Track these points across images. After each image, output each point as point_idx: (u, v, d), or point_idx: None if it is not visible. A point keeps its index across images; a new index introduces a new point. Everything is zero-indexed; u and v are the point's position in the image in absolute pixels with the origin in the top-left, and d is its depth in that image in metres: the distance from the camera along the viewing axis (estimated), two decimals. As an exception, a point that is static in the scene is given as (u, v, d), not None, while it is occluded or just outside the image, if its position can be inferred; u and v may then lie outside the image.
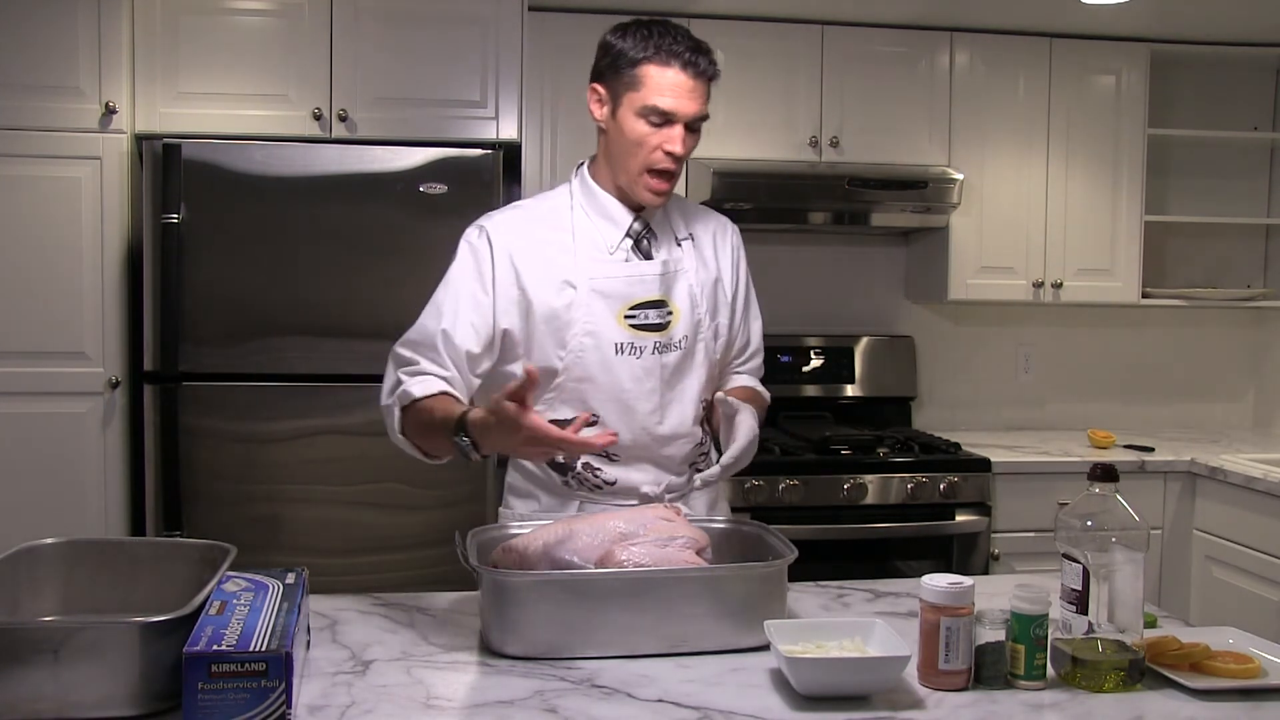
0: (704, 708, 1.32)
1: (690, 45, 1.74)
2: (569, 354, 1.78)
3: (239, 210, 2.86)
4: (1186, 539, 3.36)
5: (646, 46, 1.73)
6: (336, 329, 2.89)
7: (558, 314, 1.78)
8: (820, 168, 3.49)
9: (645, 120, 1.74)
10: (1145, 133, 3.70)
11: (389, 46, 3.05)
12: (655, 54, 1.72)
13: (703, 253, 1.90)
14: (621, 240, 1.82)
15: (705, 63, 1.74)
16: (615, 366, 1.79)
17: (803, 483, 3.14)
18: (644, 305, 1.80)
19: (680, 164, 1.77)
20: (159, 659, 1.23)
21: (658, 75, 1.72)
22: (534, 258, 1.79)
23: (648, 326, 1.80)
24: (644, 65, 1.73)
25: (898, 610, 1.72)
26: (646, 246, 1.84)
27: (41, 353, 2.89)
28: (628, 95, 1.75)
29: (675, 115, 1.73)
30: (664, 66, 1.72)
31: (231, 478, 2.87)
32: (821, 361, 3.75)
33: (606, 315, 1.78)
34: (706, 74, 1.75)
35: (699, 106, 1.74)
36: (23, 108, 2.87)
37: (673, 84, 1.72)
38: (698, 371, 1.85)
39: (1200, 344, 4.12)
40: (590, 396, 1.79)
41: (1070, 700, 1.37)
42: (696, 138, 1.78)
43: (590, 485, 1.84)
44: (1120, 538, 1.41)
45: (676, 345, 1.82)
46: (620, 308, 1.79)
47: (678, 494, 1.86)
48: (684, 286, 1.84)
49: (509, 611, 1.47)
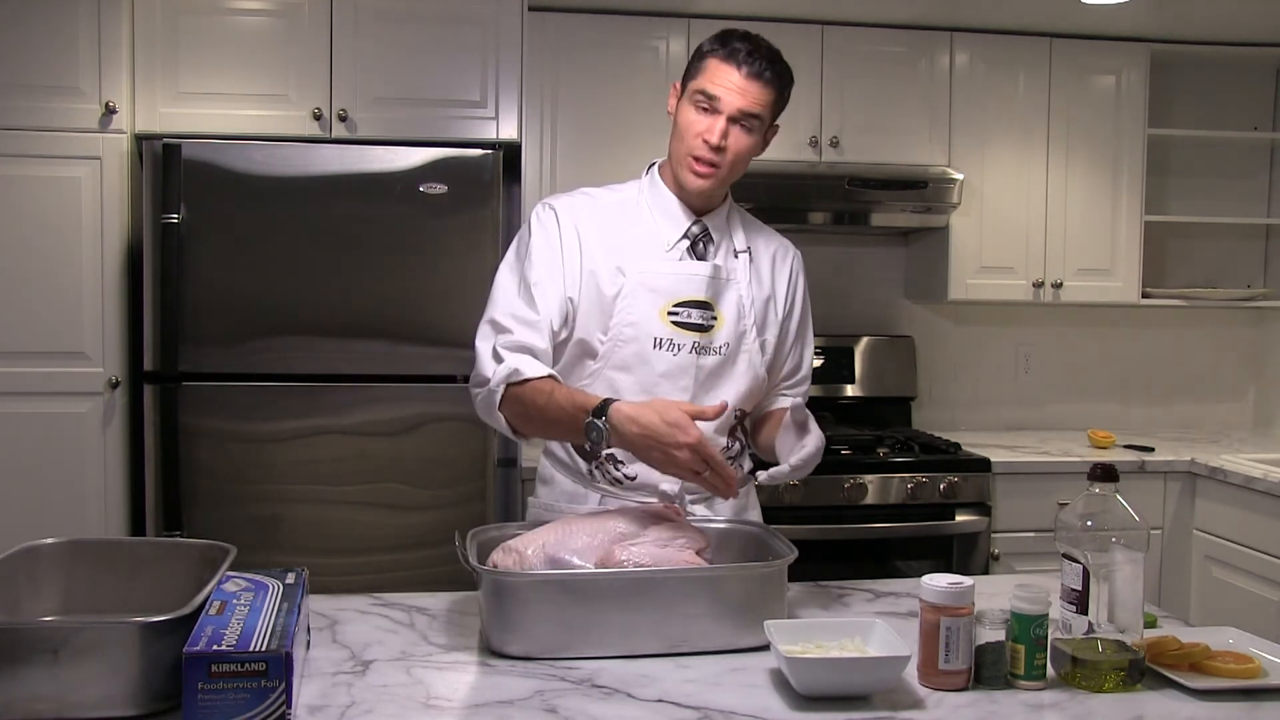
0: (704, 708, 1.32)
1: (755, 48, 1.78)
2: (609, 340, 1.81)
3: (239, 210, 2.86)
4: (1186, 539, 3.36)
5: (717, 43, 1.80)
6: (336, 329, 2.89)
7: (607, 299, 1.81)
8: (820, 168, 3.49)
9: (695, 106, 1.79)
10: (1145, 133, 3.70)
11: (389, 46, 3.05)
12: (721, 48, 1.79)
13: (759, 269, 1.92)
14: (679, 240, 1.85)
15: (762, 65, 1.77)
16: (651, 359, 1.80)
17: (803, 483, 3.14)
18: (689, 304, 1.82)
19: (723, 157, 1.79)
20: (159, 659, 1.23)
21: (714, 65, 1.78)
22: (594, 239, 1.83)
23: (689, 325, 1.82)
24: (709, 58, 1.79)
25: (898, 610, 1.72)
26: (702, 249, 1.86)
27: (41, 353, 2.89)
28: (690, 84, 1.81)
29: (719, 103, 1.76)
30: (724, 61, 1.77)
31: (231, 478, 2.87)
32: (821, 361, 3.75)
33: (650, 309, 1.80)
34: (762, 77, 1.77)
35: (746, 103, 1.77)
36: (23, 108, 2.87)
37: (725, 75, 1.77)
38: (737, 381, 1.86)
39: (1200, 344, 4.12)
40: (623, 385, 1.80)
41: (1070, 700, 1.37)
42: (748, 139, 1.80)
43: (611, 478, 1.85)
44: (1120, 538, 1.41)
45: (716, 350, 1.84)
46: (665, 303, 1.81)
47: (699, 495, 1.85)
48: (733, 295, 1.86)
49: (509, 611, 1.47)
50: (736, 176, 1.84)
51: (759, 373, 1.90)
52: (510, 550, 1.57)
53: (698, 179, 1.81)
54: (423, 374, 2.92)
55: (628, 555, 1.53)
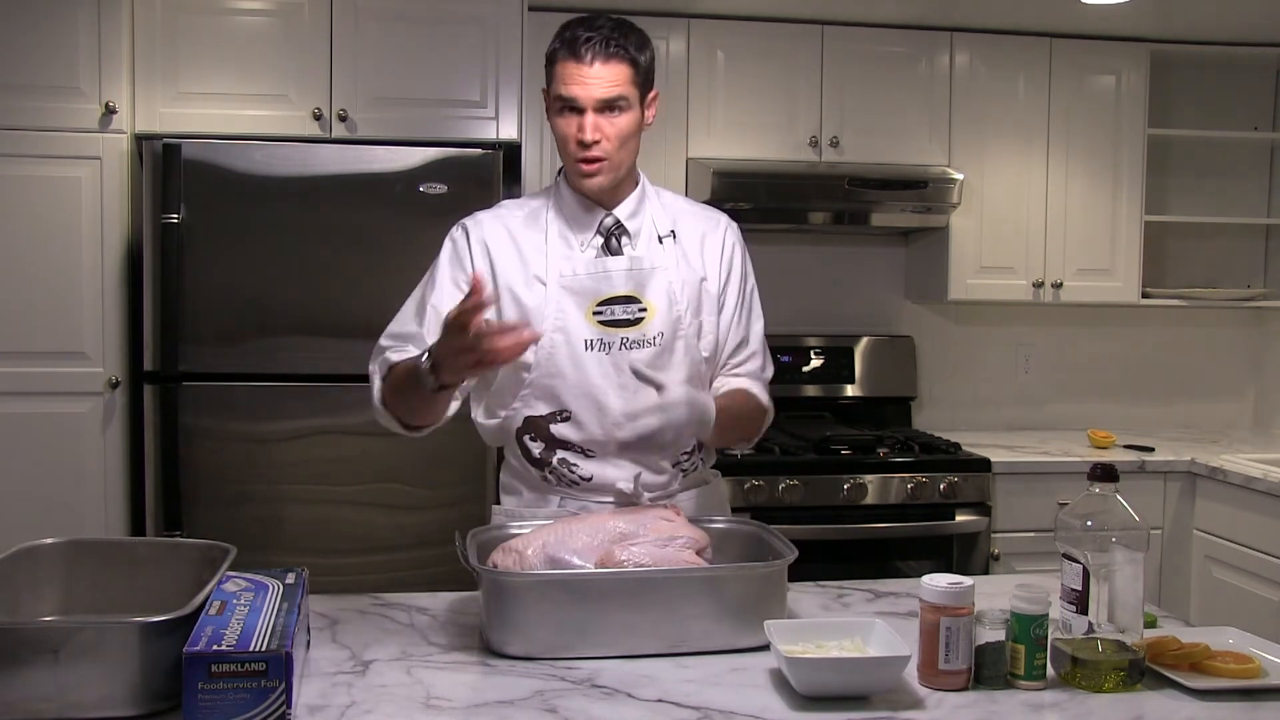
0: (704, 708, 1.32)
1: (592, 32, 1.72)
2: (540, 350, 1.78)
3: (239, 210, 2.86)
4: (1186, 539, 3.36)
5: (559, 41, 1.75)
6: (336, 329, 2.89)
7: (528, 310, 1.79)
8: (820, 168, 3.49)
9: (561, 115, 1.76)
10: (1145, 133, 3.70)
11: (389, 46, 3.05)
12: (563, 46, 1.74)
13: (686, 250, 1.88)
14: (591, 237, 1.83)
15: (606, 46, 1.70)
16: (585, 362, 1.78)
17: (803, 483, 3.14)
18: (612, 301, 1.80)
19: (605, 148, 1.74)
20: (159, 659, 1.23)
21: (564, 66, 1.73)
22: (507, 252, 1.83)
23: (616, 322, 1.80)
24: (557, 59, 1.75)
25: (898, 610, 1.72)
26: (617, 243, 1.84)
27: (41, 353, 2.89)
28: (550, 92, 1.78)
29: (577, 102, 1.73)
30: (568, 57, 1.73)
31: (231, 478, 2.87)
32: (821, 361, 3.75)
33: (575, 311, 1.79)
34: (611, 57, 1.71)
35: (603, 91, 1.72)
36: (23, 108, 2.87)
37: (574, 72, 1.72)
38: (677, 369, 1.81)
39: (1200, 344, 4.12)
40: (562, 392, 1.79)
41: (1070, 700, 1.37)
42: (624, 119, 1.75)
43: (567, 481, 1.83)
44: (1120, 538, 1.41)
45: (650, 342, 1.80)
46: (589, 304, 1.79)
47: (659, 493, 1.83)
48: (661, 283, 1.82)
49: (509, 611, 1.47)
50: (632, 156, 1.81)
51: (699, 356, 1.86)
52: (510, 550, 1.57)
53: (589, 179, 1.78)
54: (423, 374, 2.92)
55: (628, 555, 1.53)
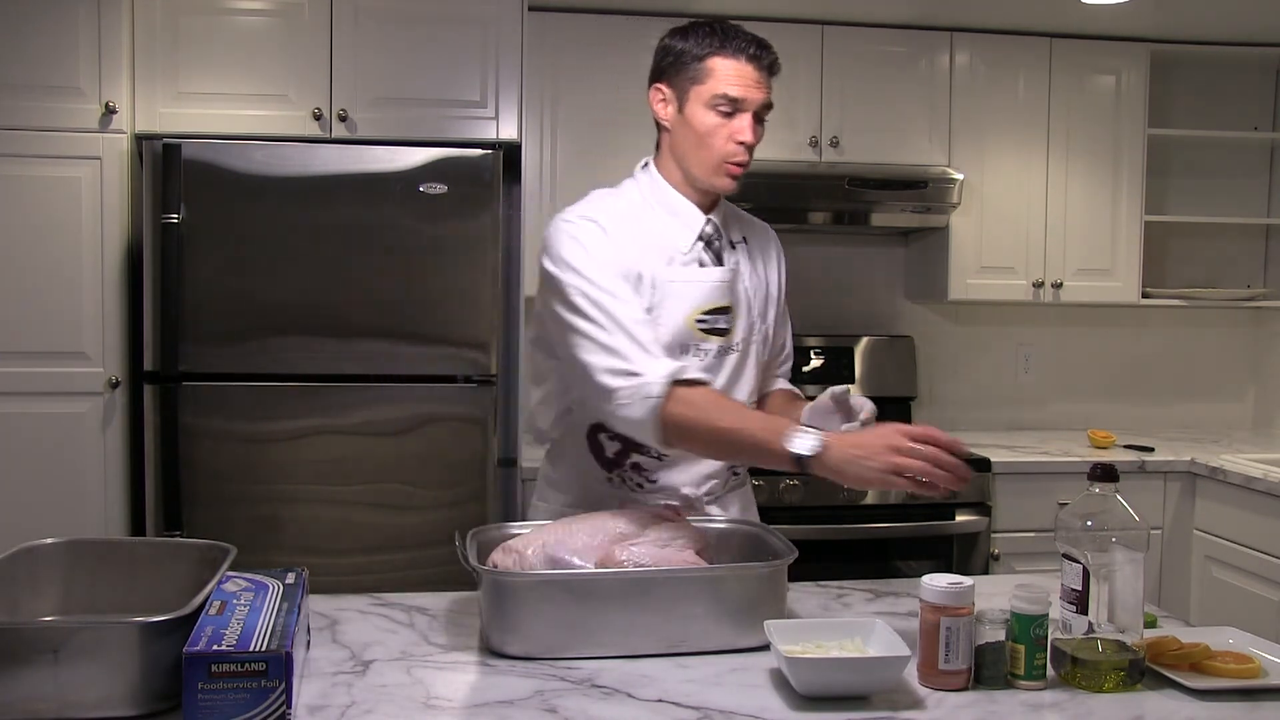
0: (704, 708, 1.32)
1: (752, 39, 1.78)
2: None
3: (239, 210, 2.86)
4: (1186, 539, 3.36)
5: (712, 42, 1.77)
6: (336, 329, 2.89)
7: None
8: (820, 168, 3.49)
9: (715, 111, 1.76)
10: (1145, 133, 3.70)
11: (389, 46, 3.05)
12: (722, 47, 1.76)
13: (753, 257, 1.92)
14: (694, 243, 1.83)
15: (769, 56, 1.78)
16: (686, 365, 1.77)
17: (803, 483, 3.14)
18: (713, 311, 1.81)
19: (751, 153, 1.79)
20: (159, 659, 1.23)
21: (724, 66, 1.76)
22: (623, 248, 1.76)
23: (715, 331, 1.82)
24: (711, 58, 1.76)
25: (898, 610, 1.72)
26: (717, 249, 1.85)
27: (41, 353, 2.89)
28: (695, 89, 1.77)
29: (744, 103, 1.76)
30: (730, 58, 1.75)
31: (231, 478, 2.87)
32: (821, 361, 3.75)
33: (678, 318, 1.78)
34: (770, 68, 1.78)
35: (765, 95, 1.78)
36: (23, 108, 2.87)
37: (740, 73, 1.75)
38: (749, 374, 1.87)
39: (1200, 344, 4.12)
40: None
41: (1070, 700, 1.37)
42: (763, 130, 1.80)
43: (633, 484, 1.84)
44: (1120, 538, 1.41)
45: (735, 348, 1.84)
46: (692, 312, 1.79)
47: (714, 497, 1.87)
48: (741, 290, 1.86)
49: (509, 611, 1.47)
50: None
51: (762, 360, 1.92)
52: (510, 550, 1.57)
53: (733, 179, 1.80)
54: (423, 374, 2.92)
55: (628, 555, 1.53)
